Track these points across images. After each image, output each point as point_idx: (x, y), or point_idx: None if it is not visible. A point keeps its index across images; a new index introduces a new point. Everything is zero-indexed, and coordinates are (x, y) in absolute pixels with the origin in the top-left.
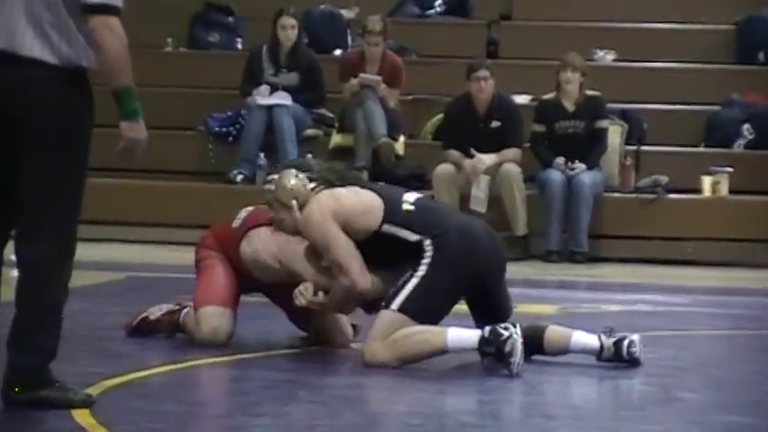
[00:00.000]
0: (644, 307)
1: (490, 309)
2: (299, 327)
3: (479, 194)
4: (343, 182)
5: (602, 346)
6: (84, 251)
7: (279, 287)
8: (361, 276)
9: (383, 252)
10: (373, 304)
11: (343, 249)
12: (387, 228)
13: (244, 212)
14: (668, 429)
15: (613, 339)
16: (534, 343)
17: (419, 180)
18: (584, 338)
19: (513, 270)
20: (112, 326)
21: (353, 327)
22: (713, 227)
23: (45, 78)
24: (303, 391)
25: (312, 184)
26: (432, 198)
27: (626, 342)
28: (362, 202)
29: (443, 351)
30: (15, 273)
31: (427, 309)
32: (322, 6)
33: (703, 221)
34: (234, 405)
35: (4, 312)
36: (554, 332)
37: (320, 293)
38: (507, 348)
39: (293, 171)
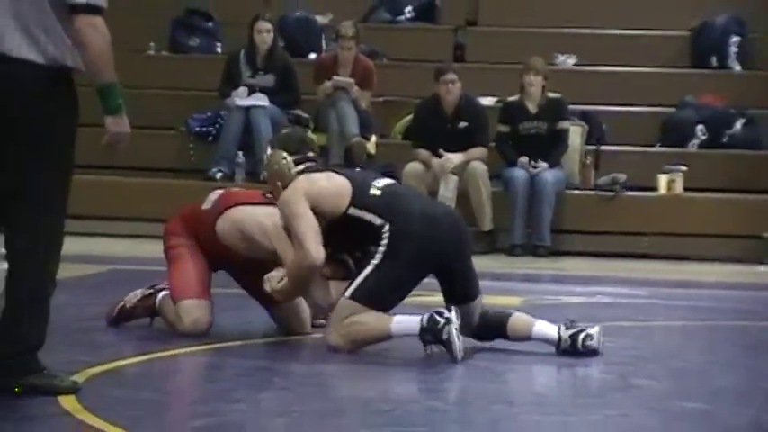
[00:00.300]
0: (603, 298)
1: (454, 290)
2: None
3: (447, 194)
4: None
5: (560, 338)
6: (69, 245)
7: (245, 269)
8: (314, 248)
9: (351, 235)
10: None
11: (304, 225)
12: (353, 211)
13: (214, 195)
14: (626, 414)
15: (571, 332)
16: (499, 328)
17: (389, 178)
18: (545, 328)
19: (479, 263)
20: (96, 316)
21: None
22: (669, 222)
23: (32, 77)
24: (277, 378)
25: (299, 167)
26: (397, 185)
27: (582, 335)
28: (334, 185)
29: (388, 337)
30: (5, 266)
31: (377, 296)
32: (297, 12)
33: (659, 217)
34: (210, 392)
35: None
36: (518, 319)
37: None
38: (444, 336)
39: (283, 153)
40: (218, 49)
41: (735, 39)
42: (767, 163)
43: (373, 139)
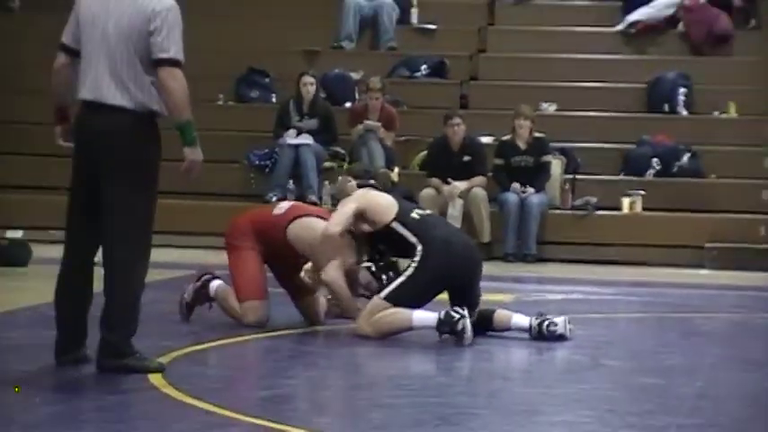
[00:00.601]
0: (578, 296)
1: (462, 300)
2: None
3: (454, 213)
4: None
5: (530, 326)
6: (156, 254)
7: (288, 265)
8: (335, 225)
9: (388, 243)
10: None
11: (342, 212)
12: (395, 225)
13: (285, 204)
14: (596, 388)
15: (538, 321)
16: (486, 321)
17: (409, 201)
18: (520, 320)
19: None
20: (177, 311)
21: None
22: (631, 236)
23: (124, 121)
24: (321, 359)
25: (361, 191)
26: (434, 215)
27: (546, 323)
28: (385, 202)
29: (410, 328)
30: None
31: (404, 301)
32: (336, 70)
33: (623, 231)
34: (270, 370)
35: (98, 301)
36: (500, 314)
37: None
38: (459, 327)
39: (348, 177)
40: (273, 99)
41: (682, 90)
42: (709, 188)
43: (396, 170)
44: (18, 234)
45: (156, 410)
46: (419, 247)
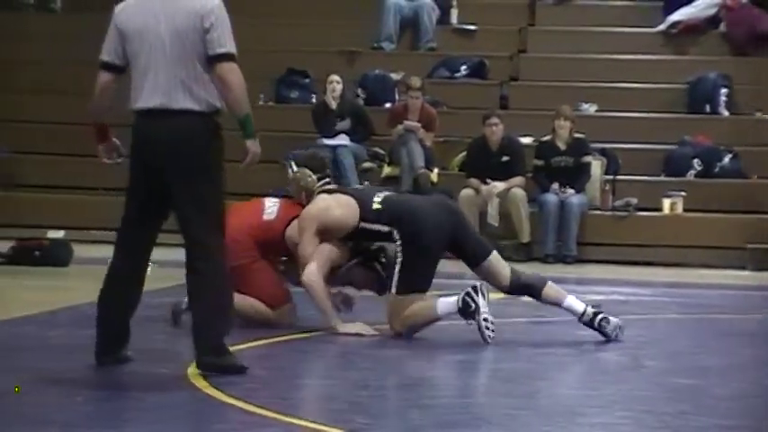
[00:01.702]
0: (618, 297)
1: (467, 256)
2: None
3: (492, 212)
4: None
5: (584, 312)
6: None
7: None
8: (308, 272)
9: (366, 239)
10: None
11: (303, 252)
12: (363, 225)
13: (271, 207)
14: (634, 389)
15: (594, 311)
16: (533, 290)
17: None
18: (575, 303)
19: (519, 269)
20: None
21: (348, 299)
22: (671, 237)
23: (193, 123)
24: (359, 359)
25: (320, 183)
26: (397, 193)
27: (600, 316)
28: (344, 211)
29: (438, 319)
30: (147, 270)
31: (414, 284)
32: (376, 71)
33: (664, 232)
34: (307, 370)
35: (147, 300)
36: (551, 288)
37: None
38: (476, 323)
39: (308, 172)
40: (313, 100)
41: (723, 90)
42: (750, 189)
43: (435, 170)
44: (59, 234)
45: (196, 410)
46: (394, 233)
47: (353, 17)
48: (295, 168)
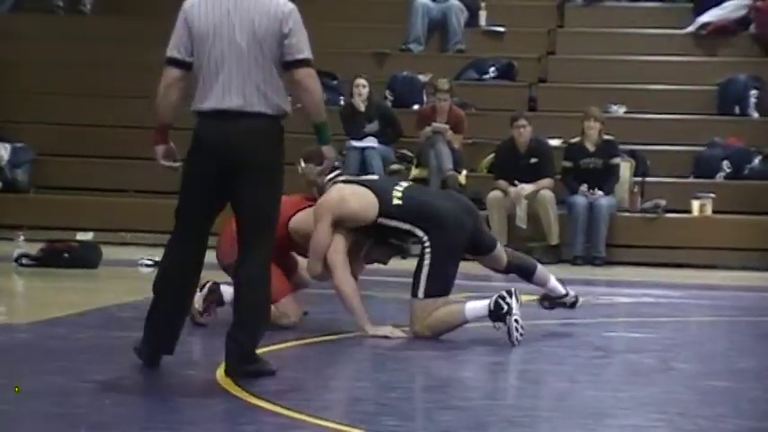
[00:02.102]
0: (648, 299)
1: (480, 250)
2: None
3: (521, 214)
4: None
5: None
6: None
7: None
8: (313, 265)
9: (381, 234)
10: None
11: (316, 242)
12: (381, 220)
13: None
14: (666, 391)
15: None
16: (528, 274)
17: (477, 203)
18: (557, 287)
19: (548, 271)
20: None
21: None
22: (700, 239)
23: (264, 125)
24: (389, 362)
25: (330, 175)
26: (416, 185)
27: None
28: (358, 205)
29: (465, 322)
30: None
31: (443, 283)
32: (404, 72)
33: (693, 234)
34: (338, 373)
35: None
36: (542, 271)
37: None
38: (507, 323)
39: (311, 165)
40: (341, 102)
41: (753, 92)
42: None
43: (464, 172)
44: (88, 236)
45: (226, 412)
46: (420, 233)
47: (382, 19)
48: (303, 164)
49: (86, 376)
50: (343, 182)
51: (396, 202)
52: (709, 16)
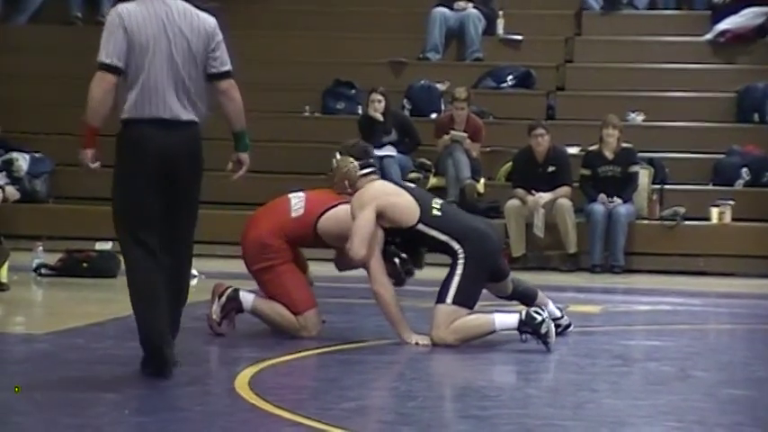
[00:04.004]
0: (666, 307)
1: (498, 275)
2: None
3: (539, 223)
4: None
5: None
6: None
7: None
8: (357, 246)
9: (415, 241)
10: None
11: (361, 227)
12: (421, 227)
13: (297, 202)
14: (685, 399)
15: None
16: (529, 299)
17: (495, 212)
18: (554, 310)
19: (566, 279)
20: (260, 322)
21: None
22: (720, 246)
23: (195, 133)
24: (407, 371)
25: (364, 171)
26: (450, 204)
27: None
28: (404, 203)
29: (492, 332)
30: (194, 281)
31: (471, 296)
32: (422, 81)
33: (712, 242)
34: (355, 381)
35: (192, 311)
36: (540, 297)
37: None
38: (543, 330)
39: (350, 159)
40: (359, 111)
41: None
42: None
43: (482, 181)
44: (107, 246)
45: (243, 421)
46: (456, 246)
47: (399, 28)
48: (339, 157)
49: (105, 387)
50: (381, 180)
51: (435, 212)
52: (727, 24)
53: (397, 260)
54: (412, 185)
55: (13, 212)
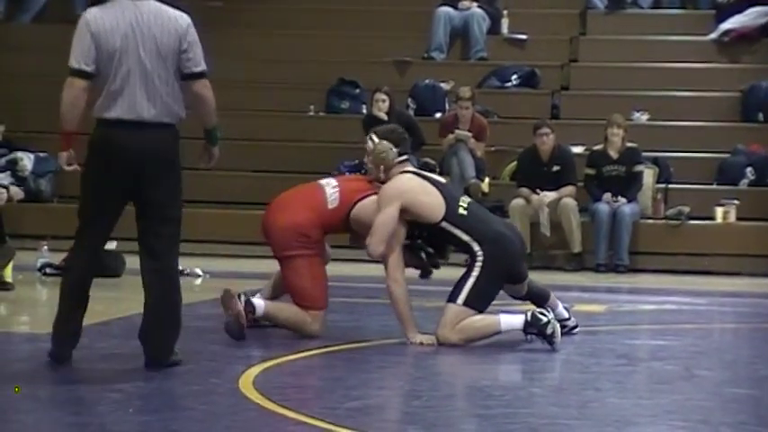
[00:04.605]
0: (671, 306)
1: (516, 279)
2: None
3: (544, 221)
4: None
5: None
6: (251, 265)
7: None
8: (375, 243)
9: (438, 237)
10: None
11: (382, 225)
12: (445, 224)
13: (332, 192)
14: (690, 398)
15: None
16: (544, 300)
17: (499, 211)
18: (563, 312)
19: (571, 279)
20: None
21: None
22: (724, 245)
23: (167, 135)
24: (412, 369)
25: (401, 158)
26: (474, 204)
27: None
28: (430, 200)
29: (498, 332)
30: (198, 281)
31: (483, 298)
32: (426, 80)
33: (717, 241)
34: (360, 380)
35: (198, 310)
36: (553, 298)
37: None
38: (549, 331)
39: (390, 145)
40: (364, 111)
41: None
42: None
43: (486, 180)
44: (112, 245)
45: (247, 420)
46: (476, 247)
47: (404, 27)
48: (376, 140)
49: (109, 385)
50: (414, 173)
51: (461, 212)
52: (732, 23)
53: (423, 254)
54: (443, 181)
55: (17, 212)
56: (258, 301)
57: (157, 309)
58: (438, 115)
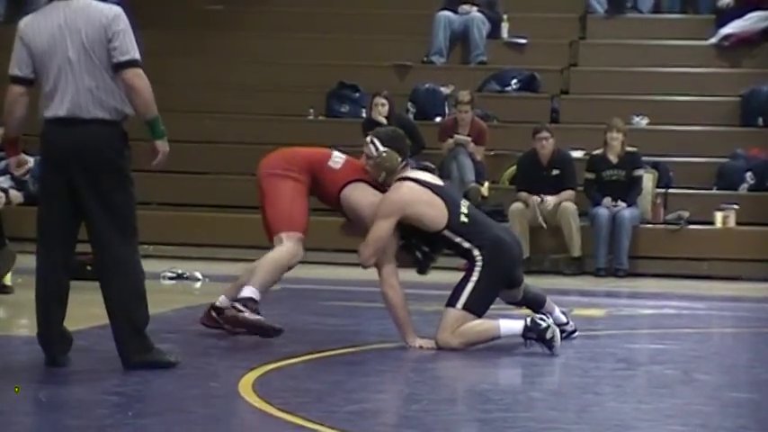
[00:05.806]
0: (670, 311)
1: (513, 280)
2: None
3: (539, 216)
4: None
5: (567, 322)
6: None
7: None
8: (367, 255)
9: (438, 243)
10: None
11: (377, 239)
12: (446, 233)
13: (338, 157)
14: (689, 402)
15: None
16: (539, 305)
17: (499, 215)
18: (561, 316)
19: (571, 283)
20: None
21: None
22: (724, 250)
23: (102, 130)
24: (412, 374)
25: (402, 164)
26: (474, 210)
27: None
28: (433, 210)
29: (497, 337)
30: (198, 284)
31: (482, 303)
32: (426, 84)
33: (716, 246)
34: (359, 384)
35: (197, 314)
36: (548, 303)
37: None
38: (549, 336)
39: (398, 156)
40: (363, 114)
41: None
42: None
43: (486, 184)
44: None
45: (246, 424)
46: (476, 252)
47: (404, 31)
48: (381, 148)
49: (108, 389)
50: (414, 180)
51: (463, 219)
52: (732, 28)
53: (418, 253)
54: (443, 184)
55: (17, 215)
56: (246, 290)
57: (116, 302)
58: (438, 119)
